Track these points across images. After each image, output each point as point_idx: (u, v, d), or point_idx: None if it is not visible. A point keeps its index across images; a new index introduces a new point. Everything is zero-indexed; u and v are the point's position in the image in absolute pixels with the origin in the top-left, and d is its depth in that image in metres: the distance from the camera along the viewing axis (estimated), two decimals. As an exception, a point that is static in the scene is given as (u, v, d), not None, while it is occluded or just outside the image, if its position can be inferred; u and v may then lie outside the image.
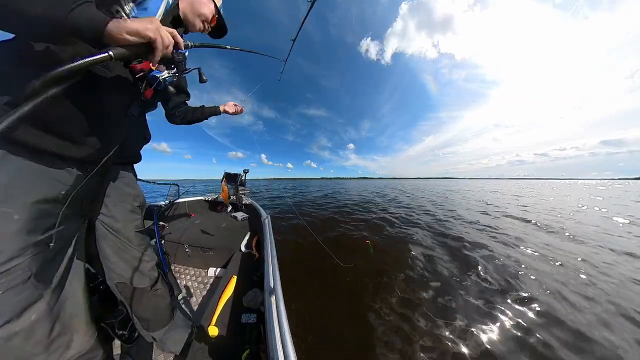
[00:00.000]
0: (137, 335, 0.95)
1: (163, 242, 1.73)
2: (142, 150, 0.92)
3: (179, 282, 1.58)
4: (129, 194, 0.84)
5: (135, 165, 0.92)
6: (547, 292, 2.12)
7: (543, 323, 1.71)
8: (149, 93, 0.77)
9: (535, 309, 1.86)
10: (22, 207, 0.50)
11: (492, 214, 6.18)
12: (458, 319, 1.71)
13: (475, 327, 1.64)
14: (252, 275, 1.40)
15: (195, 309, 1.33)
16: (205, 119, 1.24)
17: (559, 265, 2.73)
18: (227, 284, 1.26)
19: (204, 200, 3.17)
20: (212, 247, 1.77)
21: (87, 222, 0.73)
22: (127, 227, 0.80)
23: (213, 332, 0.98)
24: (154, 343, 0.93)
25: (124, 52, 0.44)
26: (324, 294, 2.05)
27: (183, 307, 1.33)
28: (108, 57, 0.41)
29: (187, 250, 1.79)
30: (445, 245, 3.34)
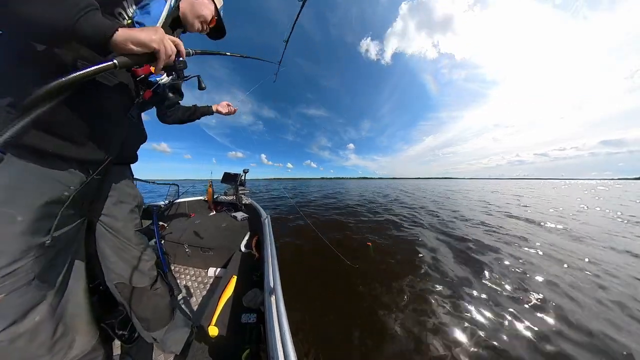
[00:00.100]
0: (137, 336, 0.95)
1: (163, 242, 1.73)
2: (142, 151, 0.93)
3: (179, 282, 1.58)
4: (129, 194, 0.84)
5: (136, 165, 0.92)
6: (558, 294, 2.10)
7: (556, 326, 1.68)
8: (148, 94, 0.78)
9: (548, 312, 1.83)
10: (25, 208, 0.50)
11: (495, 214, 6.16)
12: (465, 322, 1.68)
13: (485, 331, 1.60)
14: (252, 275, 1.40)
15: (195, 309, 1.33)
16: (198, 119, 1.23)
17: (567, 267, 2.72)
18: (227, 284, 1.26)
19: (204, 200, 3.17)
20: (212, 247, 1.77)
21: (86, 222, 0.73)
22: (127, 226, 0.80)
23: (213, 332, 0.98)
24: (154, 343, 0.93)
25: (128, 61, 0.45)
26: (325, 295, 2.05)
27: (183, 307, 1.33)
28: (113, 65, 0.42)
29: (187, 250, 1.79)
30: (451, 246, 3.32)
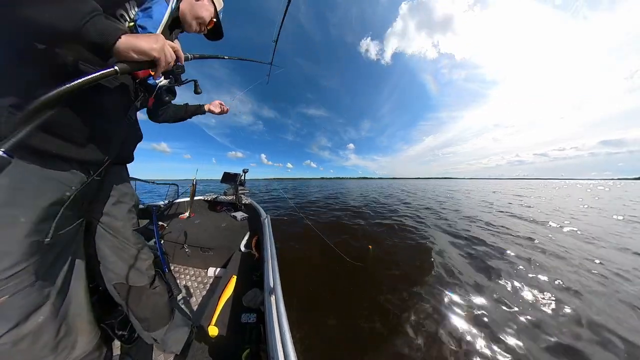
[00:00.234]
0: (136, 336, 0.95)
1: (162, 242, 1.73)
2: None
3: (179, 282, 1.58)
4: (126, 194, 0.84)
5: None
6: (573, 296, 2.10)
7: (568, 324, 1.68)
8: (151, 102, 0.82)
9: (565, 315, 1.82)
10: (27, 210, 0.50)
11: (499, 215, 6.14)
12: (479, 328, 1.64)
13: (503, 334, 1.58)
14: (251, 275, 1.40)
15: (195, 309, 1.33)
16: (189, 118, 1.21)
17: (581, 268, 2.71)
18: (226, 284, 1.26)
19: (204, 200, 3.17)
20: (211, 247, 1.76)
21: (84, 223, 0.73)
22: (125, 226, 0.81)
23: (213, 332, 0.98)
24: (154, 344, 0.93)
25: (128, 67, 0.47)
26: (326, 295, 2.05)
27: (183, 307, 1.33)
28: (114, 71, 0.43)
29: (186, 250, 1.78)
30: (459, 247, 3.28)
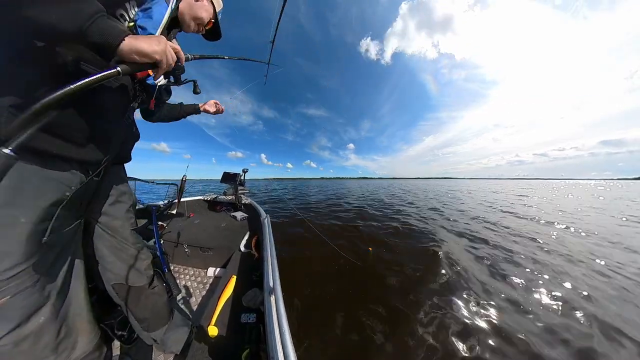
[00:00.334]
0: (136, 336, 0.94)
1: (162, 242, 1.73)
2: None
3: (179, 282, 1.58)
4: (125, 193, 0.84)
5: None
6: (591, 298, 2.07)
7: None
8: (153, 103, 0.83)
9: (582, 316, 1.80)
10: (27, 210, 0.50)
11: (503, 215, 6.09)
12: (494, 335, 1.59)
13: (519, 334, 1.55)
14: (251, 275, 1.40)
15: (195, 309, 1.33)
16: (184, 118, 1.20)
17: (595, 271, 2.67)
18: (226, 284, 1.26)
19: (203, 200, 3.17)
20: (211, 246, 1.76)
21: (83, 223, 0.73)
22: (124, 226, 0.80)
23: (213, 332, 0.98)
24: (154, 344, 0.92)
25: (130, 69, 0.47)
26: (326, 295, 2.03)
27: (182, 307, 1.32)
28: (117, 72, 0.44)
29: (186, 250, 1.78)
30: (469, 250, 3.22)
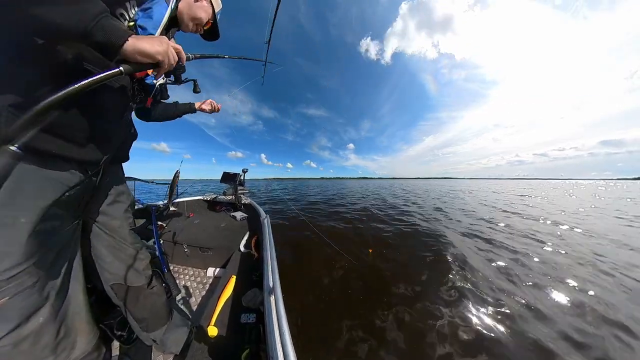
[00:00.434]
0: (135, 336, 0.94)
1: (162, 242, 1.72)
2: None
3: (178, 282, 1.58)
4: (123, 193, 0.84)
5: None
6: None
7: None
8: (150, 102, 0.82)
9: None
10: (27, 210, 0.49)
11: (507, 215, 6.05)
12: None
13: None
14: (251, 275, 1.40)
15: (195, 309, 1.33)
16: (179, 117, 1.19)
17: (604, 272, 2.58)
18: (226, 284, 1.26)
19: (203, 200, 3.17)
20: (211, 247, 1.76)
21: (81, 223, 0.73)
22: (122, 225, 0.80)
23: (212, 332, 0.97)
24: (154, 344, 0.92)
25: (132, 68, 0.48)
26: (326, 296, 2.03)
27: (182, 307, 1.32)
28: (119, 72, 0.44)
29: (185, 250, 1.78)
30: (478, 251, 3.18)
